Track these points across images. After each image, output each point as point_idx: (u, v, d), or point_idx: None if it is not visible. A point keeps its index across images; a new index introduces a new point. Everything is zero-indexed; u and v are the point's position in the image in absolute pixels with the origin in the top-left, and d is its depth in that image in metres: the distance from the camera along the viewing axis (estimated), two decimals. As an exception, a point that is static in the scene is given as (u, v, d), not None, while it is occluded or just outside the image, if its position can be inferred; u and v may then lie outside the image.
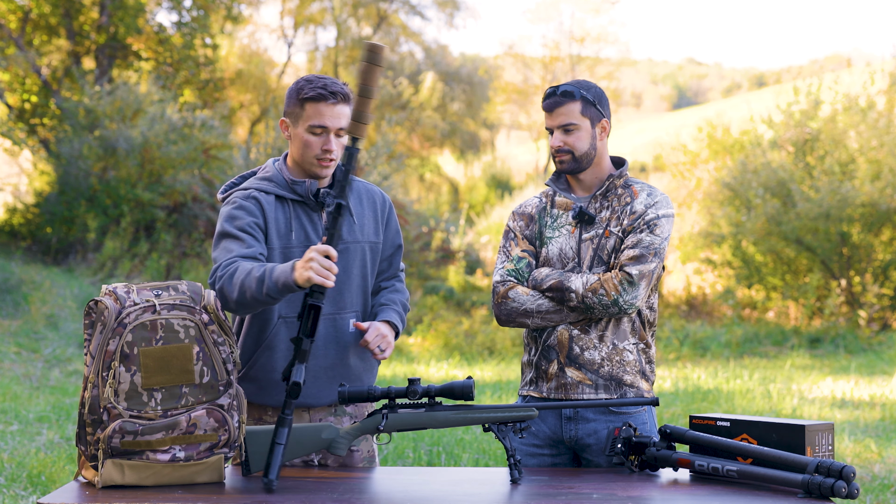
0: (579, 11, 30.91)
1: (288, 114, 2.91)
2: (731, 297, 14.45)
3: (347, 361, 2.96)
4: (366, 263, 3.00)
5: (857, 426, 7.24)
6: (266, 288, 2.61)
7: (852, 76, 17.19)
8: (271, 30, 25.49)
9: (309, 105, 2.85)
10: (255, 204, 2.87)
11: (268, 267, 2.64)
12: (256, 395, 2.91)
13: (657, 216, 2.97)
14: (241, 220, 2.83)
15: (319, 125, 2.85)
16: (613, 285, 2.91)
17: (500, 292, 3.03)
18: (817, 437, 2.61)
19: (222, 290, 2.68)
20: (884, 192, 12.78)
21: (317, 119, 2.85)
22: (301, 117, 2.87)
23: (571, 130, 2.99)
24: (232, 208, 2.86)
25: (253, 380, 2.91)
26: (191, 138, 15.11)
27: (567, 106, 2.98)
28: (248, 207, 2.85)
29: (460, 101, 25.54)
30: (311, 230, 2.91)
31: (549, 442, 3.02)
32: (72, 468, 5.57)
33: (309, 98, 2.85)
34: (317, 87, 2.85)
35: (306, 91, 2.85)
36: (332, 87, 2.86)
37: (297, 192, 2.91)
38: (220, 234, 2.83)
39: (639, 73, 54.49)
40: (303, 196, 2.91)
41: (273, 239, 2.88)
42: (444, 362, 11.07)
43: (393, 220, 3.10)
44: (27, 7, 16.62)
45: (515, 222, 3.11)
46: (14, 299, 11.64)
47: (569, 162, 3.01)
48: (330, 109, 2.85)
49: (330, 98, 2.85)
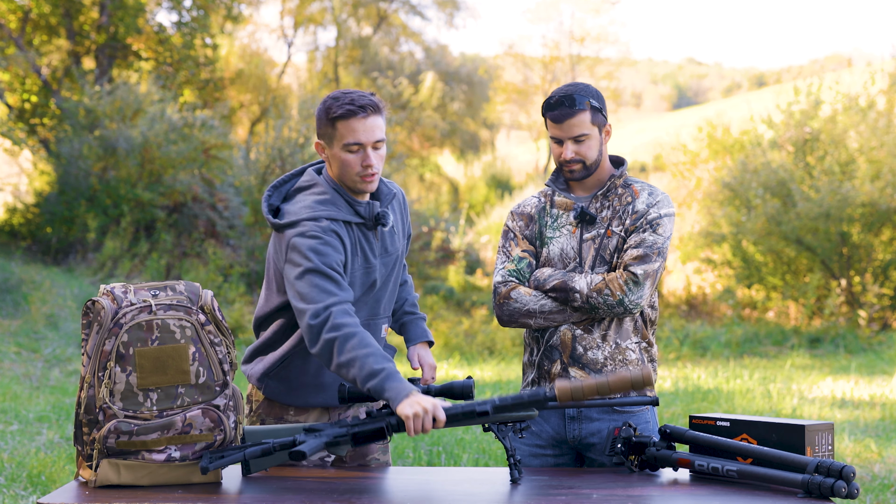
0: (579, 11, 30.92)
1: (321, 135, 2.83)
2: (731, 296, 14.45)
3: None
4: (398, 270, 3.02)
5: (857, 426, 7.24)
6: (369, 386, 2.54)
7: (852, 76, 17.19)
8: (271, 30, 25.49)
9: (340, 123, 2.76)
10: (337, 238, 2.77)
11: (387, 371, 2.54)
12: (284, 396, 2.91)
13: (659, 215, 2.97)
14: (329, 258, 2.71)
15: (355, 142, 2.77)
16: (619, 285, 2.91)
17: (501, 293, 3.02)
18: (817, 437, 2.61)
19: (330, 345, 2.60)
20: (884, 192, 12.78)
21: (351, 136, 2.76)
22: (335, 137, 2.78)
23: (583, 140, 2.97)
24: (317, 243, 2.71)
25: (284, 380, 2.90)
26: (191, 138, 15.11)
27: (578, 117, 2.95)
28: (334, 244, 2.74)
29: (460, 101, 25.55)
30: (368, 250, 2.87)
31: (552, 442, 3.02)
32: (71, 468, 5.57)
33: (339, 116, 2.76)
34: (344, 103, 2.76)
35: (335, 110, 2.76)
36: (360, 100, 2.76)
37: (360, 214, 2.84)
38: (310, 270, 2.68)
39: (639, 73, 54.50)
40: (365, 218, 2.85)
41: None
42: (444, 362, 11.07)
43: (408, 213, 3.10)
44: (27, 7, 16.62)
45: (515, 222, 3.10)
46: (14, 299, 11.64)
47: (580, 171, 3.00)
48: (362, 124, 2.76)
49: (360, 112, 2.75)
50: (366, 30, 25.20)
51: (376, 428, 2.51)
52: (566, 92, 2.97)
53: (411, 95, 23.84)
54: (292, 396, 2.90)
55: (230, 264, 13.95)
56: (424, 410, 2.48)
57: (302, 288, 2.68)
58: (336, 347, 2.58)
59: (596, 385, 2.48)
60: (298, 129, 14.72)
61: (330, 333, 2.59)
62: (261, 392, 2.94)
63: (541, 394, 2.52)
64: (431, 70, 25.24)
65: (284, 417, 2.92)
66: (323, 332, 2.61)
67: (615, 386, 2.48)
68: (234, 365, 2.63)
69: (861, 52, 48.85)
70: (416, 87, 24.58)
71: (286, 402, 2.91)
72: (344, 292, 2.68)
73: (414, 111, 23.79)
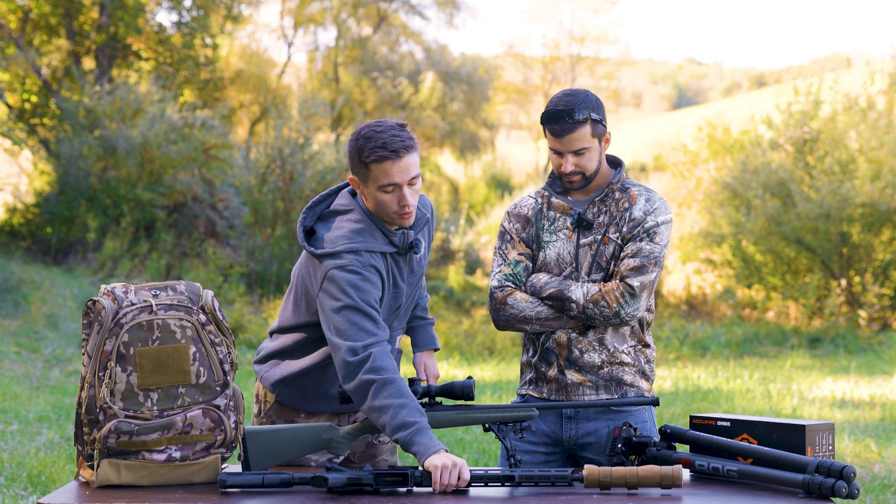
0: (579, 11, 30.91)
1: (355, 172, 2.78)
2: (731, 297, 14.44)
3: None
4: (420, 285, 3.07)
5: (857, 426, 7.24)
6: (398, 437, 2.55)
7: (852, 76, 17.18)
8: (271, 30, 25.49)
9: (374, 167, 2.70)
10: (375, 273, 2.75)
11: (419, 426, 2.54)
12: (297, 403, 2.93)
13: (656, 223, 2.95)
14: (368, 295, 2.71)
15: (390, 184, 2.72)
16: (615, 297, 2.90)
17: (498, 298, 3.01)
18: (817, 437, 2.61)
19: (367, 387, 2.60)
20: (884, 192, 12.78)
21: (386, 179, 2.71)
22: (369, 178, 2.73)
23: (583, 153, 2.95)
24: (357, 279, 2.70)
25: (298, 389, 2.92)
26: (191, 138, 15.11)
27: (579, 131, 2.92)
28: (374, 280, 2.74)
29: (460, 101, 25.53)
30: (398, 276, 2.86)
31: (545, 440, 3.02)
32: (72, 468, 5.57)
33: (373, 161, 2.70)
34: (377, 146, 2.69)
35: (367, 154, 2.70)
36: (393, 143, 2.70)
37: (394, 244, 2.82)
38: (350, 307, 2.68)
39: (639, 73, 54.49)
40: (399, 247, 2.83)
41: None
42: (444, 362, 11.06)
43: (433, 223, 3.08)
44: (27, 7, 16.62)
45: (511, 224, 3.08)
46: (14, 299, 11.64)
47: (579, 181, 2.99)
48: (397, 166, 2.70)
49: (394, 156, 2.69)
50: (366, 30, 25.19)
51: (401, 473, 2.50)
52: (566, 105, 2.91)
53: (411, 95, 23.84)
54: (305, 404, 2.93)
55: (230, 264, 13.95)
56: (454, 464, 2.48)
57: (340, 323, 2.67)
58: (373, 390, 2.59)
59: (625, 475, 2.48)
60: (298, 129, 14.72)
61: (368, 375, 2.60)
62: (273, 395, 2.96)
63: (567, 473, 2.51)
64: (431, 70, 25.23)
65: (294, 420, 2.93)
66: (361, 373, 2.61)
67: (644, 479, 2.47)
68: (234, 365, 2.63)
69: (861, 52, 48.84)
70: (416, 87, 24.57)
71: (298, 408, 2.93)
72: (382, 331, 2.69)
73: (414, 111, 23.79)
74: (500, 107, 30.42)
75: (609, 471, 2.48)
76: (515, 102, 31.37)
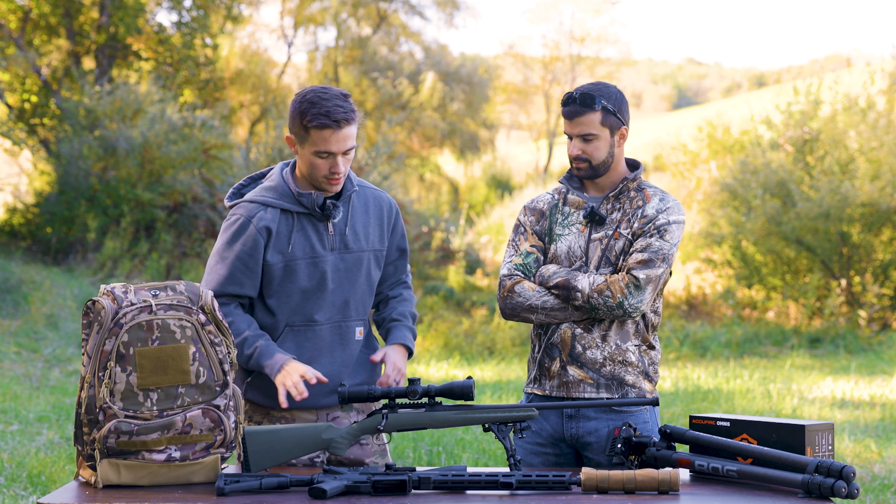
0: (579, 11, 30.90)
1: (293, 132, 2.87)
2: (731, 297, 14.44)
3: (350, 366, 3.01)
4: (370, 271, 3.03)
5: (857, 426, 7.24)
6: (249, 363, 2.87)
7: (852, 76, 17.18)
8: (271, 30, 25.48)
9: (314, 132, 2.82)
10: (256, 231, 2.88)
11: (258, 348, 2.85)
12: (264, 400, 2.96)
13: (668, 222, 2.97)
14: (236, 250, 2.89)
15: (325, 151, 2.84)
16: (620, 288, 2.91)
17: (506, 286, 3.04)
18: (817, 437, 2.61)
19: None
20: (884, 192, 12.77)
21: (323, 146, 2.83)
22: (307, 141, 2.85)
23: (590, 140, 2.98)
24: (232, 232, 2.90)
25: (259, 388, 2.96)
26: (191, 138, 15.10)
27: (587, 116, 2.96)
28: (250, 235, 2.89)
29: (460, 101, 25.52)
30: (317, 241, 2.93)
31: (551, 440, 3.03)
32: (72, 468, 5.57)
33: (314, 126, 2.81)
34: (320, 114, 2.79)
35: (310, 119, 2.81)
36: (336, 112, 2.80)
37: (303, 204, 2.91)
38: (218, 254, 2.91)
39: (639, 73, 54.44)
40: (308, 208, 2.91)
41: (274, 253, 2.90)
42: (444, 362, 11.06)
43: (399, 225, 3.11)
44: (27, 7, 16.61)
45: (526, 217, 3.12)
46: (14, 299, 11.64)
47: (586, 169, 3.02)
48: (335, 136, 2.82)
49: (335, 126, 2.80)
50: (365, 30, 25.19)
51: (398, 481, 2.50)
52: (584, 90, 2.98)
53: (411, 95, 23.83)
54: (272, 401, 2.94)
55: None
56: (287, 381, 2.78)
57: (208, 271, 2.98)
58: None
59: (623, 479, 2.48)
60: (298, 129, 14.69)
61: None
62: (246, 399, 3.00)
63: (564, 479, 2.51)
64: (431, 70, 25.22)
65: (271, 413, 2.97)
66: None
67: (642, 483, 2.48)
68: (234, 365, 2.64)
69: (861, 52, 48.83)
70: (416, 87, 24.56)
71: (269, 405, 2.96)
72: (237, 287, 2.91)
73: (414, 111, 23.78)
74: (500, 107, 30.40)
75: (607, 475, 2.48)
76: (515, 102, 31.36)
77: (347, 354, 2.99)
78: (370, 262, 3.02)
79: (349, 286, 2.98)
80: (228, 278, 2.88)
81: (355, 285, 2.99)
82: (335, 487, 2.46)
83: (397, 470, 2.52)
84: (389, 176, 14.12)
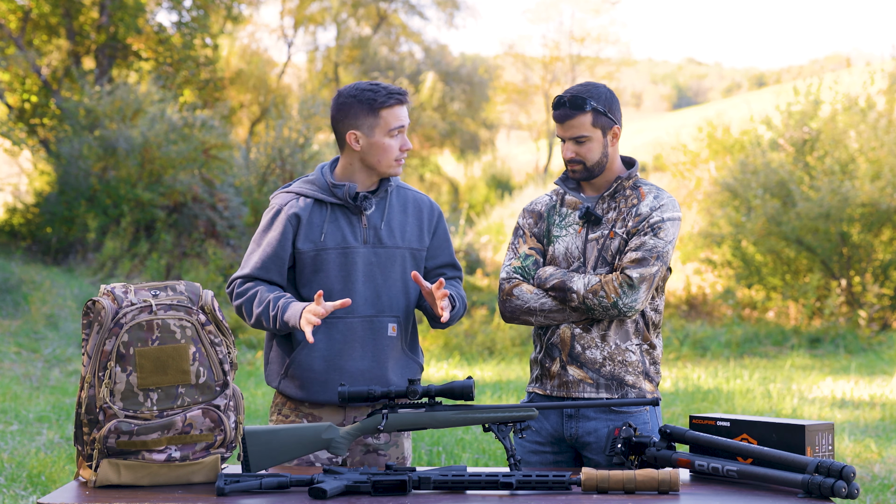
0: (579, 11, 30.92)
1: (359, 124, 2.96)
2: (731, 297, 14.44)
3: (385, 364, 3.02)
4: (406, 268, 3.04)
5: (857, 426, 7.24)
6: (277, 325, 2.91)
7: (852, 76, 17.18)
8: (271, 30, 25.49)
9: (386, 112, 2.94)
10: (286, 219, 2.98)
11: (280, 307, 2.88)
12: (297, 392, 3.00)
13: (662, 219, 2.96)
14: (268, 237, 2.99)
15: (400, 126, 2.97)
16: (613, 287, 2.91)
17: (505, 289, 3.05)
18: (817, 437, 2.61)
19: (241, 310, 2.98)
20: (884, 192, 12.78)
21: (396, 122, 2.96)
22: (378, 125, 2.95)
23: (583, 142, 2.98)
24: (267, 220, 3.01)
25: (293, 378, 2.99)
26: (191, 138, 15.09)
27: (578, 118, 2.97)
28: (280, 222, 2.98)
29: (460, 101, 25.53)
30: (350, 233, 2.98)
31: (550, 440, 3.03)
32: (72, 468, 5.57)
33: (385, 105, 2.94)
34: (390, 93, 2.95)
35: (382, 100, 2.94)
36: (397, 91, 2.98)
37: (336, 195, 2.98)
38: (254, 241, 3.04)
39: (639, 73, 54.43)
40: (342, 199, 2.98)
41: (306, 242, 2.96)
42: (444, 362, 11.07)
43: (441, 229, 3.11)
44: (27, 7, 16.61)
45: (525, 219, 3.12)
46: (14, 299, 11.64)
47: (581, 171, 3.02)
48: (403, 111, 2.99)
49: (404, 100, 2.98)
50: (365, 30, 25.19)
51: (398, 480, 2.50)
52: (573, 92, 2.98)
53: (411, 95, 23.82)
54: (304, 392, 2.99)
55: (230, 264, 13.95)
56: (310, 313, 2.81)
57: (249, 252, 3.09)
58: (245, 313, 2.97)
59: (623, 479, 2.48)
60: (298, 129, 14.71)
61: (237, 301, 2.99)
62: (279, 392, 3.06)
63: (564, 479, 2.51)
64: (431, 70, 25.23)
65: (300, 409, 3.00)
66: (233, 299, 3.01)
67: (642, 483, 2.48)
68: (234, 365, 2.64)
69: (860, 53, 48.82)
70: (416, 87, 24.57)
71: (301, 398, 3.00)
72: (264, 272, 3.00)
73: (414, 111, 23.79)
74: (500, 107, 30.41)
75: (607, 475, 2.49)
76: (515, 102, 31.36)
77: (380, 349, 2.99)
78: (405, 260, 3.04)
79: (382, 281, 3.00)
80: (260, 265, 2.98)
81: (388, 280, 3.00)
82: (335, 487, 2.46)
83: (397, 470, 2.52)
84: (389, 176, 14.09)
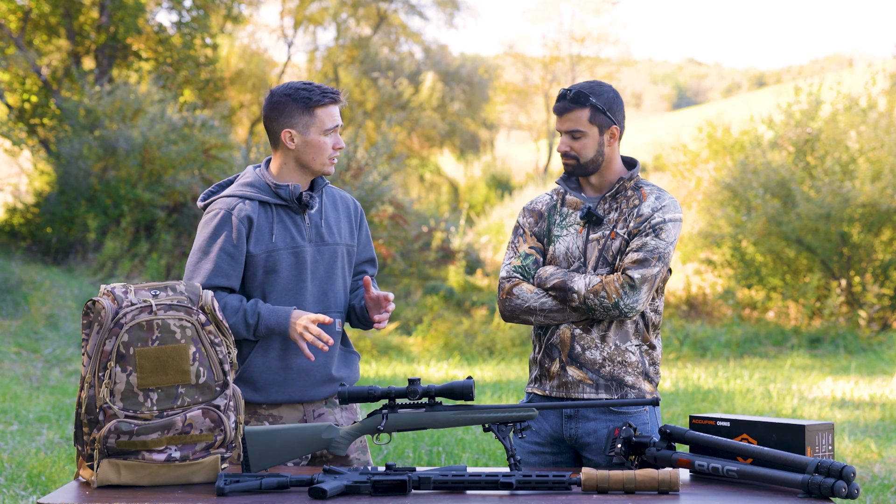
0: (580, 11, 30.90)
1: (293, 123, 2.97)
2: (731, 297, 14.44)
3: (331, 359, 3.04)
4: (345, 265, 3.10)
5: (857, 426, 7.24)
6: (256, 333, 2.91)
7: (853, 76, 17.18)
8: (271, 30, 25.47)
9: (321, 111, 2.98)
10: (239, 222, 2.94)
11: (261, 314, 2.88)
12: (252, 395, 2.99)
13: (663, 220, 2.96)
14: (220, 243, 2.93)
15: (334, 126, 3.00)
16: (615, 288, 2.91)
17: (505, 288, 3.05)
18: (817, 437, 2.61)
19: None
20: (884, 192, 12.77)
21: (330, 122, 3.00)
22: (313, 124, 2.99)
23: (578, 137, 2.99)
24: (214, 226, 2.94)
25: (248, 381, 2.99)
26: (191, 138, 15.09)
27: (575, 113, 2.98)
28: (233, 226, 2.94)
29: (460, 101, 25.51)
30: (296, 232, 3.00)
31: (550, 440, 3.03)
32: (72, 468, 5.57)
33: (320, 104, 2.98)
34: (323, 92, 2.98)
35: (317, 99, 2.97)
36: (331, 90, 3.00)
37: (280, 196, 2.99)
38: (200, 250, 2.95)
39: (639, 73, 54.43)
40: (286, 200, 2.98)
41: (257, 245, 2.96)
42: (444, 362, 11.06)
43: (364, 227, 3.19)
44: (27, 7, 16.61)
45: (525, 218, 3.13)
46: (14, 299, 11.64)
47: (574, 166, 3.04)
48: (337, 111, 3.02)
49: (337, 99, 3.01)
50: (365, 30, 25.18)
51: (398, 480, 2.50)
52: (578, 87, 3.01)
53: (411, 95, 23.83)
54: (259, 395, 2.99)
55: (230, 264, 13.93)
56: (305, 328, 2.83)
57: (189, 268, 3.02)
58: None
59: (623, 479, 2.48)
60: (298, 129, 14.67)
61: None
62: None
63: (564, 479, 2.51)
64: (431, 70, 25.22)
65: (258, 412, 3.00)
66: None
67: (642, 483, 2.48)
68: (234, 365, 2.64)
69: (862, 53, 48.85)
70: (416, 88, 24.56)
71: (256, 400, 2.99)
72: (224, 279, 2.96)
73: (414, 111, 23.78)
74: (500, 107, 30.40)
75: (607, 475, 2.49)
76: (515, 102, 31.35)
77: (331, 346, 3.00)
78: (344, 257, 3.10)
79: (327, 278, 3.05)
80: (215, 271, 2.93)
81: (332, 277, 3.06)
82: (335, 487, 2.46)
83: (397, 470, 2.52)
84: (389, 176, 14.11)
